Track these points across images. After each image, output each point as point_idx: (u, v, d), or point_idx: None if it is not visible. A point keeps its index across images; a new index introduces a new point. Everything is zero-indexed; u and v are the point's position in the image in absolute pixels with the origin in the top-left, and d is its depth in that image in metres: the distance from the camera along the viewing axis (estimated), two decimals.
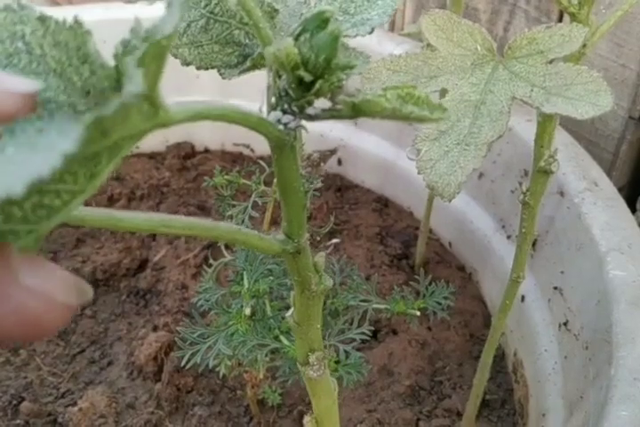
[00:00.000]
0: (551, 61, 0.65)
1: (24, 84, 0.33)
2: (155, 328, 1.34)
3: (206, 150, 1.77)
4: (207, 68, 0.58)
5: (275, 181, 0.95)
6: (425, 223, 1.36)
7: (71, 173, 0.32)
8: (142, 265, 1.47)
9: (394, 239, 1.52)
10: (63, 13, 0.32)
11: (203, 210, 1.58)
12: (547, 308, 1.20)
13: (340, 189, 1.65)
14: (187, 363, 0.81)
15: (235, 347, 0.83)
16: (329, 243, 1.21)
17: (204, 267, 1.04)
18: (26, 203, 0.31)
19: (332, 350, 0.86)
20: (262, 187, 0.93)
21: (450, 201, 0.63)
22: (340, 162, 1.66)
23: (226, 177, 0.95)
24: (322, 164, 0.87)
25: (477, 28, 0.68)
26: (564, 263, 1.14)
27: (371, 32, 0.56)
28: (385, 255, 1.47)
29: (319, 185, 0.75)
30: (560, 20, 1.33)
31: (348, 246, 1.49)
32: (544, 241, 1.20)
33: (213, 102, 0.38)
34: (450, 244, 1.51)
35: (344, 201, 1.62)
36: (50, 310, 0.33)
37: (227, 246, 1.03)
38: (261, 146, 1.70)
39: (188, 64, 0.58)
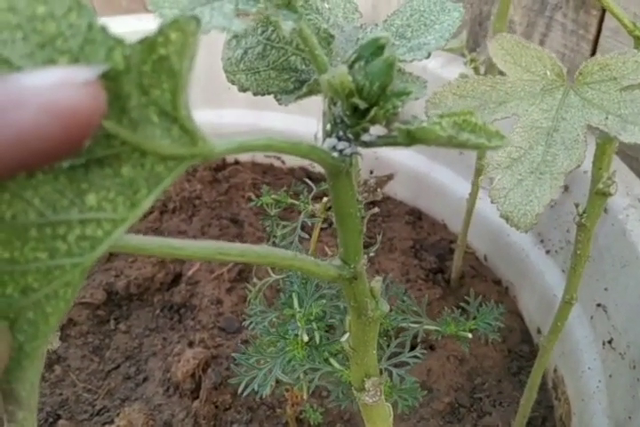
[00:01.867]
0: (625, 88, 0.64)
1: (81, 72, 0.29)
2: (190, 344, 1.33)
3: (237, 162, 1.76)
4: (264, 94, 0.58)
5: (323, 200, 0.93)
6: (462, 237, 1.35)
7: (109, 200, 0.32)
8: (176, 279, 1.46)
9: (428, 253, 1.51)
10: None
11: (236, 223, 1.57)
12: (589, 325, 1.18)
13: (373, 201, 1.63)
14: (243, 390, 0.80)
15: (287, 371, 0.82)
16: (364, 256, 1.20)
17: (247, 285, 1.03)
18: (69, 235, 0.32)
19: (385, 374, 0.84)
20: (310, 206, 0.92)
21: (526, 232, 0.62)
22: (371, 173, 1.65)
23: (273, 196, 0.94)
24: (378, 189, 0.85)
25: (546, 53, 0.67)
26: (607, 280, 1.13)
27: (427, 57, 0.56)
28: (420, 269, 1.46)
29: (376, 211, 0.74)
30: (598, 33, 1.31)
31: (383, 260, 1.47)
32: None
33: (259, 136, 0.37)
34: (485, 257, 1.50)
35: (377, 213, 1.60)
36: None
37: None
38: (292, 158, 1.69)
39: (245, 90, 0.58)
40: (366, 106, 0.38)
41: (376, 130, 0.40)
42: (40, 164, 0.30)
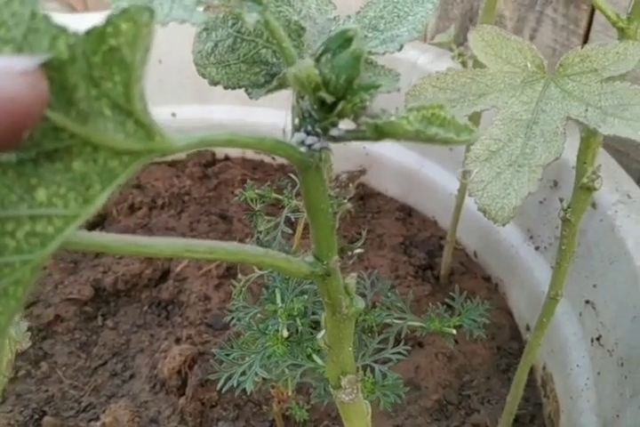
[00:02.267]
0: (606, 80, 0.63)
1: (20, 61, 0.28)
2: (177, 341, 1.32)
3: (227, 158, 1.75)
4: (234, 88, 0.57)
5: None
6: (451, 233, 1.34)
7: (60, 195, 0.32)
8: (164, 276, 1.45)
9: (418, 249, 1.50)
10: (89, 20, 0.30)
11: (224, 219, 1.56)
12: (578, 322, 1.17)
13: (363, 197, 1.63)
14: (223, 385, 0.79)
15: (269, 368, 0.81)
16: (352, 253, 1.19)
17: (232, 281, 1.02)
18: (18, 232, 0.31)
19: (367, 370, 0.84)
20: (294, 201, 0.91)
21: (504, 225, 0.61)
22: (362, 169, 1.64)
23: (257, 191, 0.93)
24: (350, 184, 0.84)
25: (527, 45, 0.66)
26: (596, 277, 1.12)
27: (400, 49, 0.55)
28: (409, 266, 1.45)
29: (349, 206, 0.73)
30: (589, 28, 1.31)
31: (372, 256, 1.47)
32: (575, 254, 1.18)
33: (219, 129, 0.37)
34: (475, 254, 1.49)
35: (366, 210, 1.60)
36: None
37: None
38: None
39: (215, 84, 0.57)
40: (333, 100, 0.38)
41: (346, 124, 0.40)
42: None
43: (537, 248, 1.31)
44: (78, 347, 1.34)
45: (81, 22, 0.33)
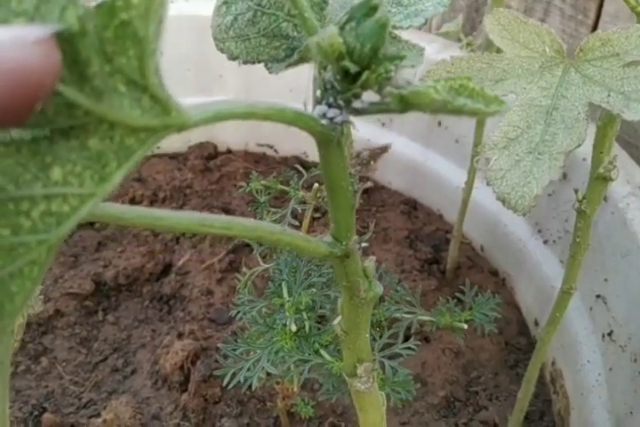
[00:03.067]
0: (628, 64, 0.60)
1: (33, 30, 0.27)
2: (180, 336, 1.30)
3: (229, 151, 1.73)
4: (254, 62, 0.56)
5: (314, 187, 0.90)
6: (458, 227, 1.32)
7: (75, 174, 0.31)
8: (166, 270, 1.43)
9: (423, 243, 1.48)
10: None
11: (227, 212, 1.54)
12: (588, 317, 1.15)
13: (368, 190, 1.61)
14: (229, 382, 0.77)
15: (275, 363, 0.79)
16: (359, 247, 1.17)
17: (237, 274, 1.00)
18: (33, 211, 0.30)
19: (377, 365, 0.81)
20: (301, 193, 0.89)
21: (524, 215, 0.59)
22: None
23: (263, 182, 0.91)
24: (372, 162, 0.82)
25: (545, 29, 0.64)
26: (607, 271, 1.10)
27: (425, 23, 0.54)
28: (415, 260, 1.43)
29: (370, 185, 0.71)
30: (597, 19, 1.29)
31: (377, 250, 1.44)
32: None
33: (238, 101, 0.36)
34: (482, 248, 1.47)
35: (371, 203, 1.57)
36: None
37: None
38: (285, 146, 1.66)
39: (234, 58, 0.56)
40: (357, 69, 0.36)
41: (368, 97, 0.38)
42: None
43: (545, 242, 1.29)
44: (79, 342, 1.31)
45: None
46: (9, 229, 0.30)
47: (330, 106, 0.39)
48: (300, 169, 0.97)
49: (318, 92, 0.39)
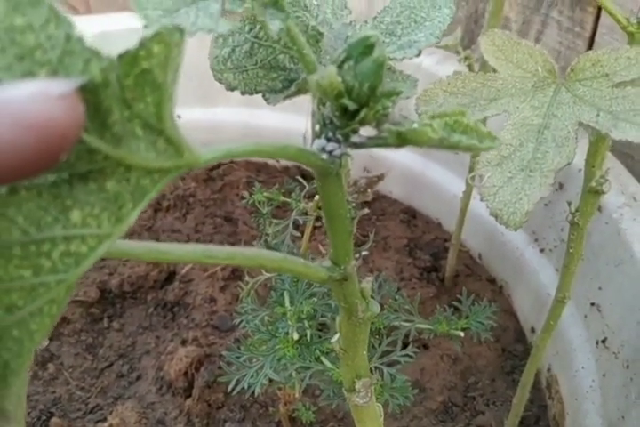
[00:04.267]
0: (617, 85, 0.63)
1: (58, 85, 0.28)
2: (183, 342, 1.32)
3: (231, 160, 1.75)
4: (252, 93, 0.57)
5: (315, 198, 0.93)
6: (456, 236, 1.34)
7: (93, 216, 0.32)
8: (170, 277, 1.46)
9: (422, 251, 1.51)
10: (93, 22, 0.30)
11: (230, 221, 1.56)
12: (583, 324, 1.18)
13: (364, 201, 1.63)
14: (234, 388, 0.79)
15: (277, 370, 0.81)
16: (358, 256, 1.19)
17: (240, 283, 1.02)
18: (53, 252, 0.31)
19: (375, 372, 0.84)
20: (302, 204, 0.91)
21: (515, 230, 0.62)
22: (366, 172, 1.64)
23: (265, 194, 0.93)
24: (369, 190, 0.85)
25: (538, 50, 0.66)
26: (601, 279, 1.12)
27: (418, 55, 0.55)
28: (414, 268, 1.46)
29: (366, 211, 0.74)
30: (594, 31, 1.31)
31: (377, 258, 1.47)
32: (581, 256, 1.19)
33: (245, 141, 0.37)
34: (480, 256, 1.50)
35: (371, 212, 1.60)
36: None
37: None
38: None
39: (232, 89, 0.57)
40: (356, 107, 0.38)
41: (366, 131, 0.40)
42: (15, 178, 0.29)
43: (542, 250, 1.31)
44: (85, 348, 1.34)
45: (84, 25, 0.33)
46: (30, 271, 0.31)
47: (329, 140, 0.40)
48: (302, 181, 0.99)
49: (317, 127, 0.41)
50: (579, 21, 1.33)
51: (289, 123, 1.60)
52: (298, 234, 0.96)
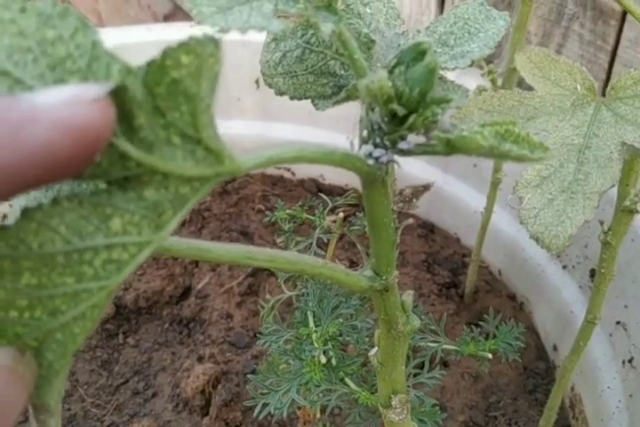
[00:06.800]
0: None
1: (91, 89, 0.30)
2: (200, 359, 1.30)
3: (247, 174, 1.73)
4: (301, 99, 0.57)
5: (339, 215, 0.91)
6: (477, 251, 1.32)
7: (134, 223, 0.32)
8: (185, 293, 1.44)
9: (441, 267, 1.48)
10: (105, 35, 0.30)
11: (245, 235, 1.54)
12: (608, 343, 1.16)
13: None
14: (253, 408, 0.78)
15: (302, 393, 0.80)
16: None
17: (260, 301, 1.01)
18: (95, 260, 0.32)
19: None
20: (326, 222, 0.90)
21: (558, 255, 0.60)
22: None
23: (288, 211, 0.91)
24: (414, 200, 0.83)
25: (577, 67, 0.65)
26: (627, 297, 1.11)
27: (470, 65, 0.55)
28: (433, 284, 1.44)
29: (411, 222, 0.72)
30: (617, 44, 1.29)
31: None
32: None
33: (288, 146, 0.37)
34: (500, 272, 1.47)
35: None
36: None
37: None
38: (302, 169, 1.67)
39: (282, 94, 0.57)
40: (405, 113, 0.37)
41: (414, 138, 0.39)
42: (53, 179, 0.30)
43: (564, 267, 1.29)
44: (100, 365, 1.32)
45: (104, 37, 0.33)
46: (73, 278, 0.32)
47: (376, 146, 0.39)
48: (324, 197, 0.98)
49: (365, 133, 0.40)
50: (601, 34, 1.32)
51: (304, 136, 1.59)
52: (321, 252, 0.94)
